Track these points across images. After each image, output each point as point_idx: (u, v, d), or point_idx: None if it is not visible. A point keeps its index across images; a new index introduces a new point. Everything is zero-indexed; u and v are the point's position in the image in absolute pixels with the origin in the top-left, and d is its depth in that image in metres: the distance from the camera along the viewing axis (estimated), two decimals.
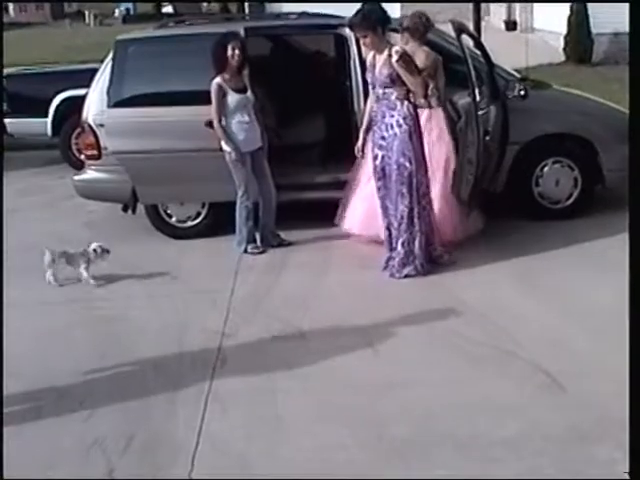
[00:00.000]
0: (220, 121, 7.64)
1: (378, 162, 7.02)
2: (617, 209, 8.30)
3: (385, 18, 6.84)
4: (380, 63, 6.86)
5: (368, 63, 7.05)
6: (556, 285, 6.67)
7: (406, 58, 6.79)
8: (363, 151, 7.32)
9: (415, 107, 6.98)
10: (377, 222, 7.31)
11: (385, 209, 7.09)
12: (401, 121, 6.85)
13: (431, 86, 7.49)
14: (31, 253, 7.64)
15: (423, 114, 7.40)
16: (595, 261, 7.10)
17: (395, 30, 7.63)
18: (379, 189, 7.09)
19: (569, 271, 6.92)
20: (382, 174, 7.02)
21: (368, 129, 7.25)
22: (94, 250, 7.24)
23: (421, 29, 7.74)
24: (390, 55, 6.75)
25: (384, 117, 6.93)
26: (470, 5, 18.76)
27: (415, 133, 6.90)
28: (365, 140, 7.28)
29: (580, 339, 5.65)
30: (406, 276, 6.96)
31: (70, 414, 5.04)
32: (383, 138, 6.95)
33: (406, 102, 6.87)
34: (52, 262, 7.21)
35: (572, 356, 5.41)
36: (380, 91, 6.93)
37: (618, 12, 20.84)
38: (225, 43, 7.61)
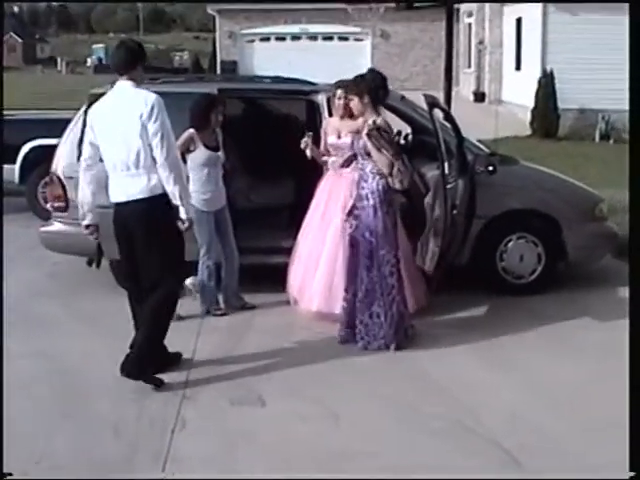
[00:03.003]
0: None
1: (352, 230, 6.96)
2: (581, 286, 8.40)
3: (382, 88, 6.86)
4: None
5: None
6: (518, 361, 6.71)
7: (376, 134, 6.72)
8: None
9: (387, 184, 6.86)
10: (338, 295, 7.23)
11: (354, 276, 6.97)
12: (369, 195, 6.84)
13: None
14: None
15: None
16: (557, 338, 7.15)
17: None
18: (353, 256, 6.98)
19: (531, 347, 6.97)
20: (355, 242, 6.94)
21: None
22: None
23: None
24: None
25: (359, 187, 6.93)
26: (441, 74, 19.11)
27: (381, 209, 6.82)
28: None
29: (540, 415, 5.68)
30: (378, 348, 6.85)
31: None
32: (356, 208, 6.93)
33: (377, 177, 6.83)
34: None
35: (530, 432, 5.44)
36: (360, 160, 6.97)
37: (584, 89, 21.37)
38: (210, 106, 7.57)
